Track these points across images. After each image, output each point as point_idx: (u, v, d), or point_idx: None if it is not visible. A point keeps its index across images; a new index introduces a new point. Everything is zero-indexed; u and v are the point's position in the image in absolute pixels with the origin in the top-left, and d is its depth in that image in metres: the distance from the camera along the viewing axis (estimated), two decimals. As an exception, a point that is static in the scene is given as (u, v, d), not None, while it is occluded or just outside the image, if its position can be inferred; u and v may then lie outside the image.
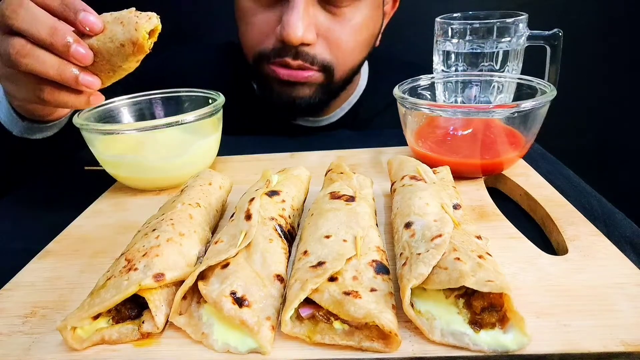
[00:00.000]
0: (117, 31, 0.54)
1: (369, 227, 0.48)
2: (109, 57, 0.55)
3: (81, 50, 0.53)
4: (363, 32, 0.93)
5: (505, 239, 0.53)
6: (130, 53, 0.54)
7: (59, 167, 0.89)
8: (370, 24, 0.94)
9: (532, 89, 0.71)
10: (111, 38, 0.54)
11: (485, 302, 0.37)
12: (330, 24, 0.89)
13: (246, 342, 0.39)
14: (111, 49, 0.54)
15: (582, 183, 0.69)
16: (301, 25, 0.83)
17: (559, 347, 0.36)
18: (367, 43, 0.97)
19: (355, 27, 0.91)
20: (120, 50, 0.54)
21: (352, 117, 1.11)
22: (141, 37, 0.53)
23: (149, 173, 0.72)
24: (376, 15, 0.96)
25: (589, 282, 0.44)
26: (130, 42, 0.53)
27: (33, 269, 0.54)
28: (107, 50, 0.54)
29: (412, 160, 0.63)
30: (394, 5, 1.06)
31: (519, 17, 0.77)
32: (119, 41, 0.54)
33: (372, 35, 0.97)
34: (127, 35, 0.53)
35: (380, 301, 0.39)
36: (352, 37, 0.92)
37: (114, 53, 0.55)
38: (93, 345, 0.40)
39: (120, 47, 0.54)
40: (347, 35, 0.91)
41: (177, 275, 0.43)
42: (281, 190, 0.56)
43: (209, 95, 0.81)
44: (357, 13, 0.90)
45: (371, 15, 0.93)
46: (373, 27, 0.96)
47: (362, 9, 0.91)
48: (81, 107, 0.60)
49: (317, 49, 0.89)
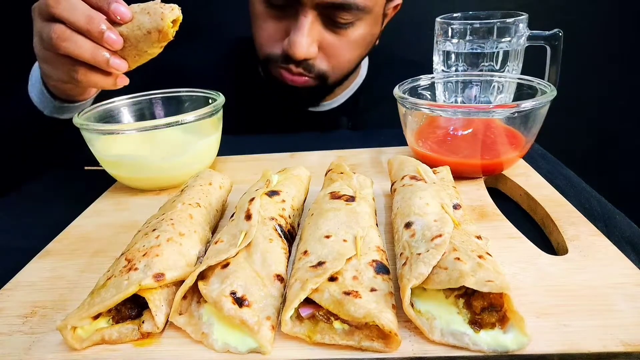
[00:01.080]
0: (144, 20, 0.61)
1: (369, 227, 0.48)
2: (137, 43, 0.63)
3: (113, 36, 0.61)
4: (361, 46, 1.00)
5: (505, 239, 0.53)
6: (155, 40, 0.62)
7: (59, 167, 0.89)
8: (368, 38, 1.00)
9: (532, 89, 0.71)
10: (139, 26, 0.62)
11: (485, 302, 0.37)
12: (332, 40, 0.95)
13: (246, 341, 0.39)
14: (139, 36, 0.62)
15: (582, 183, 0.69)
16: (305, 44, 0.91)
17: (559, 347, 0.36)
18: (363, 53, 1.04)
19: (354, 43, 0.98)
20: (147, 37, 0.62)
21: (353, 104, 1.17)
22: (166, 26, 0.61)
23: (149, 173, 0.72)
24: (374, 27, 1.01)
25: (589, 282, 0.44)
26: (156, 30, 0.61)
27: (33, 269, 0.54)
28: (135, 37, 0.62)
29: (412, 160, 0.63)
30: (396, 8, 1.09)
31: (519, 17, 0.77)
32: (146, 29, 0.62)
33: (369, 45, 1.04)
34: (153, 24, 0.61)
35: (380, 301, 0.39)
36: (350, 52, 0.99)
37: (141, 40, 0.62)
38: (93, 345, 0.40)
39: (147, 35, 0.62)
40: (345, 50, 0.98)
41: (177, 275, 0.43)
42: (281, 190, 0.56)
43: (209, 95, 0.81)
44: (357, 31, 0.96)
45: (370, 31, 0.99)
46: (371, 39, 1.02)
47: (363, 27, 0.97)
48: (109, 87, 0.67)
49: (316, 61, 0.97)
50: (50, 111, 0.81)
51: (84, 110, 0.74)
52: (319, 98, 1.10)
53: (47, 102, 0.79)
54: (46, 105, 0.80)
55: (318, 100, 1.11)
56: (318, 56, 0.96)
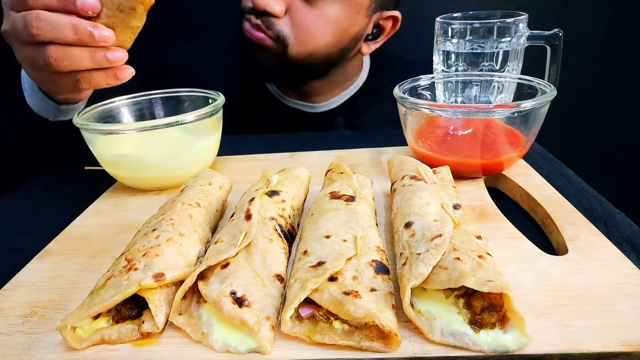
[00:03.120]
0: (119, 1, 0.59)
1: (369, 227, 0.48)
2: (126, 24, 0.61)
3: (104, 33, 0.60)
4: (332, 26, 0.98)
5: (505, 239, 0.53)
6: (142, 11, 0.61)
7: (59, 167, 0.89)
8: (343, 22, 0.98)
9: (533, 89, 0.71)
10: (119, 8, 0.59)
11: (485, 302, 0.37)
12: (301, 6, 0.94)
13: (246, 341, 0.39)
14: (125, 17, 0.60)
15: (582, 183, 0.69)
16: None
17: (559, 347, 0.36)
18: (334, 38, 1.00)
19: (325, 19, 0.96)
20: (133, 14, 0.60)
21: (350, 107, 1.16)
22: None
23: (149, 173, 0.72)
24: (354, 19, 0.99)
25: (589, 282, 0.44)
26: (139, 3, 0.59)
27: (33, 269, 0.54)
28: (122, 20, 0.60)
29: (412, 160, 0.63)
30: (394, 26, 1.09)
31: (519, 17, 0.77)
32: (128, 7, 0.60)
33: (343, 33, 1.00)
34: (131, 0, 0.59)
35: (380, 301, 0.39)
36: (318, 27, 0.97)
37: (129, 19, 0.61)
38: (93, 345, 0.40)
39: (131, 11, 0.60)
40: (313, 22, 0.96)
41: (177, 275, 0.43)
42: (281, 190, 0.56)
43: (209, 95, 0.81)
44: (331, 7, 0.95)
45: (346, 15, 0.98)
46: (347, 27, 1.00)
47: (338, 6, 0.96)
48: (113, 84, 0.65)
49: (279, 21, 0.95)
50: (55, 116, 0.81)
51: (84, 110, 0.74)
52: (281, 71, 1.05)
53: (51, 109, 0.80)
54: (50, 112, 0.80)
55: (279, 75, 1.08)
56: (283, 19, 0.95)
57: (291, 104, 1.16)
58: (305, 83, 1.11)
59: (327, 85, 1.13)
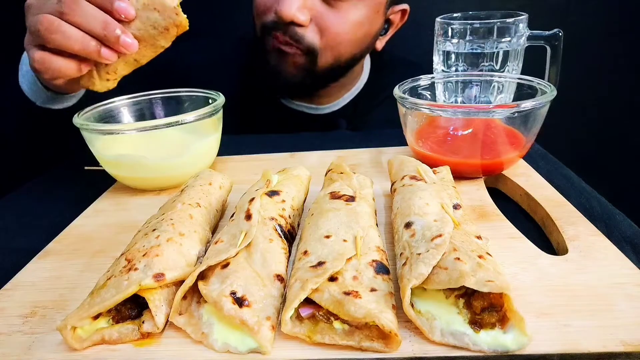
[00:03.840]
0: (156, 18, 0.62)
1: (369, 227, 0.48)
2: (154, 41, 0.64)
3: (129, 40, 0.62)
4: (356, 28, 0.97)
5: (505, 239, 0.53)
6: (174, 34, 0.64)
7: (59, 167, 0.89)
8: (365, 23, 0.98)
9: (532, 89, 0.71)
10: (153, 25, 0.63)
11: (486, 302, 0.37)
12: (325, 12, 0.94)
13: (246, 341, 0.39)
14: (156, 35, 0.64)
15: (582, 183, 0.69)
16: (295, 3, 0.89)
17: (559, 347, 0.36)
18: (359, 40, 1.00)
19: (349, 21, 0.95)
20: (165, 34, 0.64)
21: (353, 108, 1.16)
22: (183, 20, 0.63)
23: (149, 173, 0.72)
24: (375, 18, 1.00)
25: (589, 282, 0.44)
26: (174, 26, 0.63)
27: (33, 269, 0.54)
28: (151, 36, 0.64)
29: (412, 160, 0.63)
30: (402, 18, 1.09)
31: (519, 17, 0.77)
32: (162, 26, 0.63)
33: (365, 34, 1.01)
34: (169, 20, 0.62)
35: (381, 301, 0.39)
36: (344, 30, 0.96)
37: (159, 38, 0.64)
38: (93, 345, 0.40)
39: (164, 32, 0.63)
40: (339, 27, 0.95)
41: (177, 275, 0.43)
42: (281, 190, 0.56)
43: (209, 95, 0.81)
44: (354, 10, 0.95)
45: (368, 16, 0.97)
46: (369, 27, 1.00)
47: (361, 8, 0.95)
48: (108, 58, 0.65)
49: (307, 32, 0.94)
50: (43, 101, 0.80)
51: (84, 110, 0.74)
52: (306, 83, 1.04)
53: (40, 93, 0.79)
54: (39, 96, 0.79)
55: (304, 88, 1.07)
56: (310, 27, 0.94)
57: (294, 106, 1.16)
58: (325, 88, 1.10)
59: (337, 86, 1.12)
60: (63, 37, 0.60)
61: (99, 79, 0.68)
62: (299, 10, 0.91)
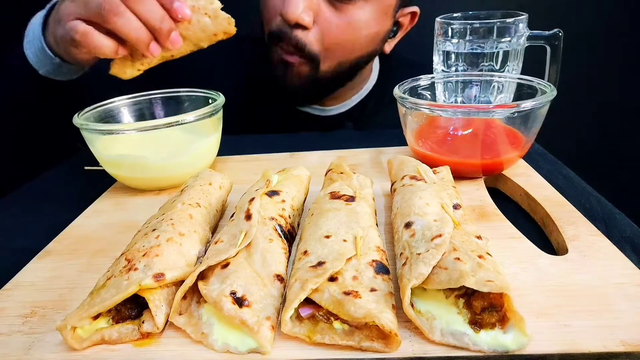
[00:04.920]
0: (206, 23, 0.68)
1: (369, 227, 0.48)
2: (197, 41, 0.70)
3: (177, 38, 0.68)
4: (361, 31, 0.95)
5: (505, 239, 0.53)
6: (219, 39, 0.70)
7: (59, 167, 0.89)
8: (371, 25, 0.96)
9: (532, 89, 0.71)
10: (202, 29, 0.68)
11: (485, 302, 0.37)
12: (330, 15, 0.92)
13: (246, 341, 0.39)
14: (201, 37, 0.69)
15: (582, 183, 0.69)
16: (301, 4, 0.89)
17: (559, 347, 0.36)
18: (363, 43, 0.99)
19: (354, 25, 0.94)
20: (210, 38, 0.70)
21: (360, 110, 1.15)
22: (234, 30, 0.70)
23: (149, 173, 0.72)
24: (382, 20, 0.98)
25: (589, 282, 0.44)
26: (223, 33, 0.69)
27: (33, 269, 0.54)
28: (196, 38, 0.69)
29: (412, 160, 0.63)
30: (412, 20, 1.08)
31: (519, 17, 0.77)
32: (212, 32, 0.69)
33: (371, 38, 0.99)
34: (219, 27, 0.69)
35: (380, 301, 0.39)
36: (347, 33, 0.95)
37: (204, 40, 0.70)
38: (93, 345, 0.40)
39: (212, 36, 0.69)
40: (343, 30, 0.94)
41: (177, 275, 0.43)
42: (281, 190, 0.56)
43: (209, 95, 0.81)
44: (359, 12, 0.93)
45: (375, 18, 0.96)
46: (376, 30, 0.98)
47: (367, 11, 0.93)
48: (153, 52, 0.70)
49: (310, 37, 0.93)
50: (47, 70, 0.79)
51: (84, 110, 0.74)
52: (311, 91, 1.05)
53: (46, 60, 0.78)
54: (44, 64, 0.78)
55: (311, 95, 1.07)
56: (312, 30, 0.93)
57: (300, 108, 1.15)
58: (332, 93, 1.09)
59: (344, 88, 1.11)
60: (123, 22, 0.63)
61: (132, 68, 0.71)
62: (305, 11, 0.90)
